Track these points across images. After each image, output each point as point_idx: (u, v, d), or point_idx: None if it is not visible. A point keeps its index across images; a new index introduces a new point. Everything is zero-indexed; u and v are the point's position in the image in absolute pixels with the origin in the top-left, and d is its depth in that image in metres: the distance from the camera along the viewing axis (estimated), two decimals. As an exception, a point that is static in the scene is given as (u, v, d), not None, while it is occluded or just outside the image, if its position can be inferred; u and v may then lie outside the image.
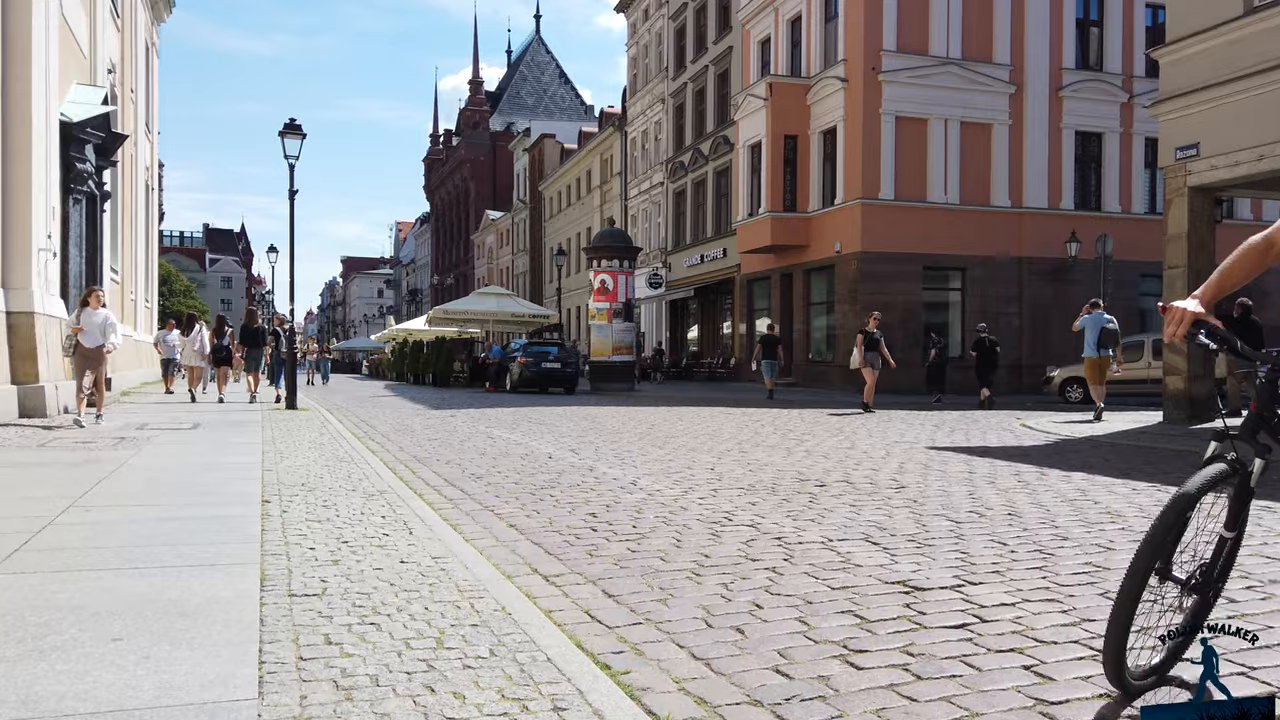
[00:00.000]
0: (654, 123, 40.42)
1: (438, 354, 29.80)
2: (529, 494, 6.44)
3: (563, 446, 9.57)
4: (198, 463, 7.58)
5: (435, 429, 11.87)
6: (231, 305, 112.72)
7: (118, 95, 21.75)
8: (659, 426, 12.13)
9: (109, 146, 15.68)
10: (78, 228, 14.04)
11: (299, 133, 14.80)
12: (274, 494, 6.05)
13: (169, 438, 9.55)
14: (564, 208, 54.68)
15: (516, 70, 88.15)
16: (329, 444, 9.34)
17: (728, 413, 15.25)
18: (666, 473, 7.49)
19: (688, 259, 36.03)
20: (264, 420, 12.41)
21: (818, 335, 27.81)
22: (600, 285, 26.05)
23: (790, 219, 27.11)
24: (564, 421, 13.07)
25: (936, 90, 25.22)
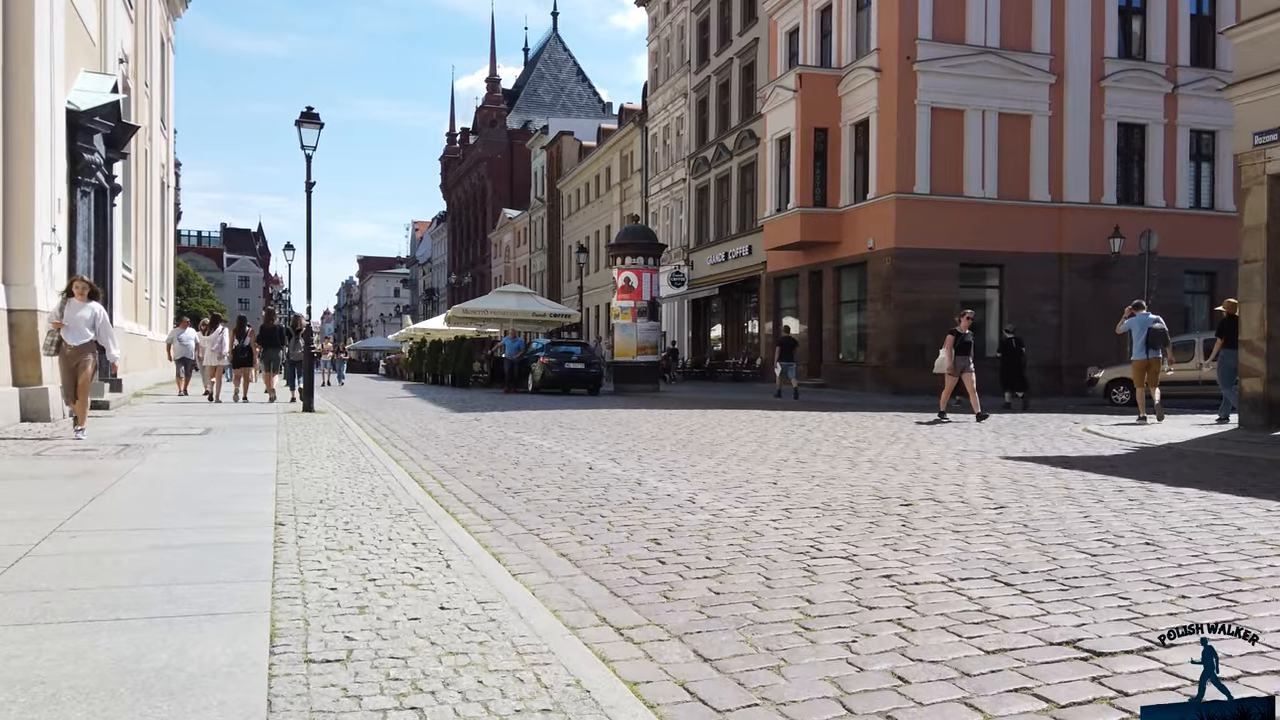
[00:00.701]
0: (676, 118, 39.62)
1: (457, 354, 29.12)
2: (576, 513, 5.68)
3: (601, 455, 8.81)
4: (205, 474, 6.87)
5: (461, 434, 11.14)
6: (249, 305, 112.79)
7: (130, 87, 21.17)
8: (699, 432, 11.35)
9: (119, 138, 15.05)
10: (86, 221, 13.40)
11: (316, 122, 14.12)
12: (289, 513, 5.32)
13: (177, 445, 8.86)
14: (582, 205, 53.98)
15: (534, 68, 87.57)
16: (348, 452, 8.62)
17: (765, 416, 14.45)
18: (724, 487, 6.72)
19: (711, 257, 35.22)
20: (279, 424, 11.72)
21: (848, 335, 26.94)
22: (624, 283, 25.30)
23: (820, 214, 26.25)
24: (596, 426, 12.31)
25: (974, 80, 24.31)
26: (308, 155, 14.13)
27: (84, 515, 5.02)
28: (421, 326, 44.46)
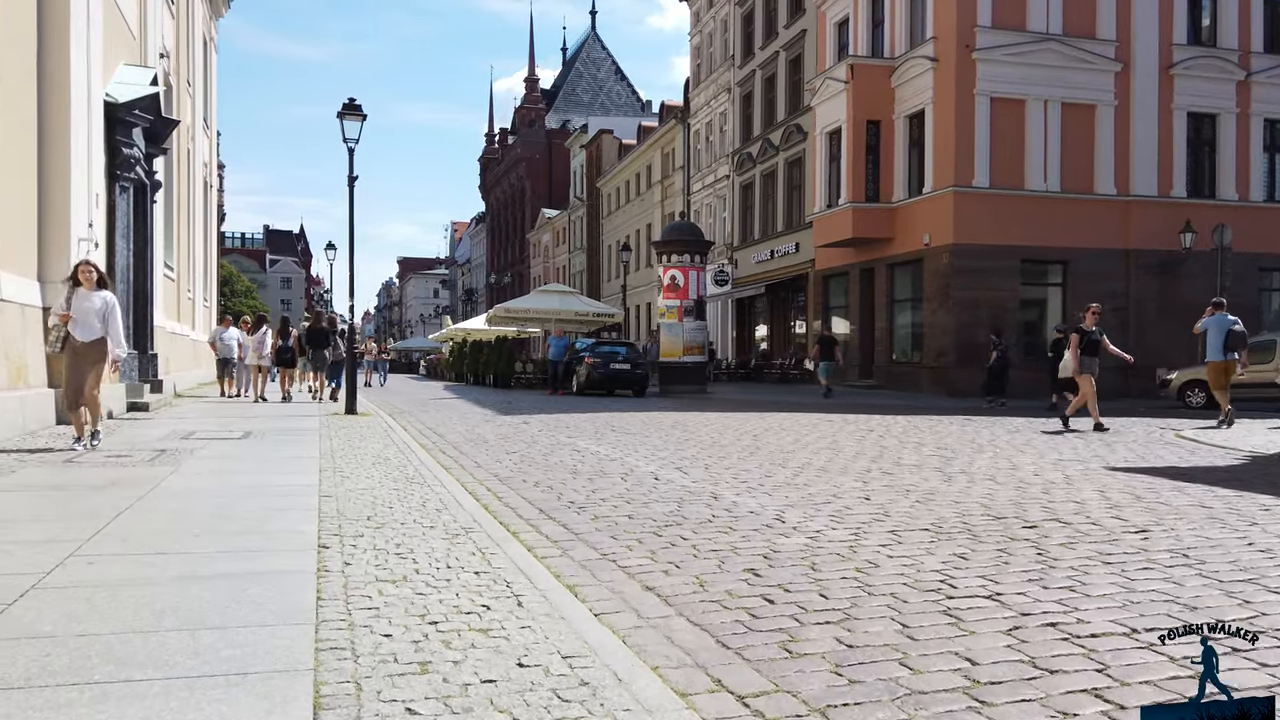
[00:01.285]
0: (719, 114, 38.87)
1: (499, 354, 28.64)
2: (652, 534, 5.03)
3: (665, 463, 8.15)
4: (242, 485, 6.32)
5: (510, 439, 10.55)
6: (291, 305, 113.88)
7: (172, 84, 20.95)
8: (763, 438, 10.64)
9: (160, 132, 14.71)
10: (125, 217, 13.03)
11: (358, 114, 13.63)
12: (333, 532, 4.73)
13: (214, 450, 8.36)
14: (622, 204, 53.42)
15: (572, 67, 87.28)
16: (395, 458, 8.05)
17: (826, 420, 13.70)
18: (811, 503, 6.02)
19: (756, 255, 34.42)
20: (321, 428, 11.22)
21: (902, 334, 26.01)
22: (670, 282, 24.62)
23: (873, 210, 25.36)
24: (651, 430, 11.66)
25: (1035, 69, 23.29)
26: (350, 148, 13.65)
27: (105, 536, 4.47)
28: (462, 327, 44.17)
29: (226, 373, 17.86)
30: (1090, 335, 12.68)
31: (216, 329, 18.96)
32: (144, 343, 14.60)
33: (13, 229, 9.49)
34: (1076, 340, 12.70)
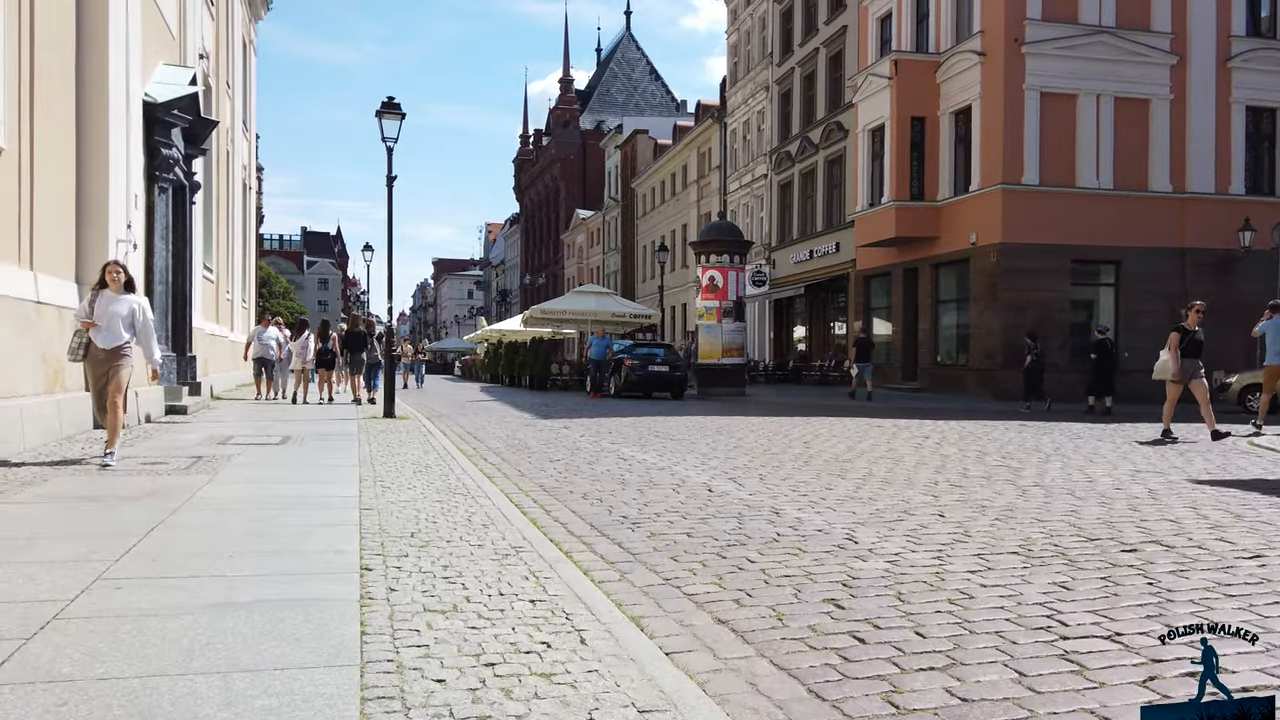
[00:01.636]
0: (756, 112, 38.38)
1: (535, 355, 28.42)
2: (715, 555, 4.66)
3: (716, 473, 7.78)
4: (282, 495, 6.04)
5: (552, 445, 10.23)
6: (328, 306, 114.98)
7: (212, 85, 20.95)
8: (815, 445, 10.22)
9: (198, 133, 14.61)
10: (164, 218, 12.92)
11: (397, 113, 13.41)
12: (376, 551, 4.43)
13: (252, 457, 8.12)
14: (657, 205, 53.07)
15: (606, 67, 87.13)
16: (436, 466, 7.76)
17: (876, 425, 13.23)
18: (881, 520, 5.62)
19: (794, 255, 33.90)
20: (360, 432, 10.99)
21: (947, 336, 25.39)
22: (709, 282, 24.22)
23: (917, 208, 24.77)
24: (697, 436, 11.28)
25: (1087, 62, 22.58)
26: (389, 147, 13.43)
27: (135, 556, 4.19)
28: (497, 328, 44.06)
29: (264, 374, 17.56)
30: (1193, 335, 11.71)
31: (256, 329, 18.64)
32: (182, 344, 14.51)
33: (50, 231, 9.34)
34: (1176, 340, 11.71)
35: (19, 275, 8.48)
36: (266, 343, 17.37)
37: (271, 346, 17.37)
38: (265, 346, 17.34)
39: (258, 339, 17.66)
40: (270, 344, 17.37)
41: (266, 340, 17.41)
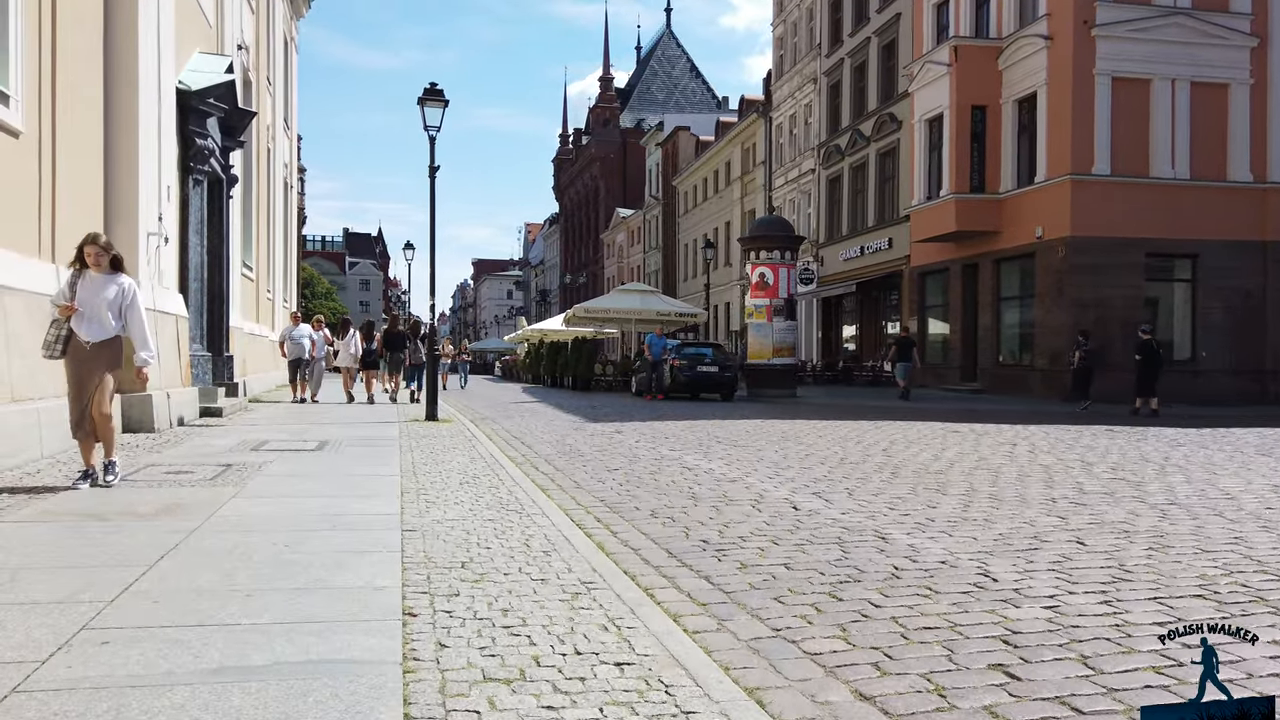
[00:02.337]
0: (804, 105, 37.35)
1: (579, 355, 27.70)
2: (828, 597, 3.85)
3: (797, 487, 6.95)
4: (314, 512, 5.33)
5: (607, 451, 9.46)
6: (369, 307, 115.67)
7: (252, 80, 20.54)
8: (896, 453, 9.34)
9: (236, 124, 14.09)
10: (198, 212, 12.39)
11: (440, 100, 12.75)
12: (421, 589, 3.69)
13: (285, 465, 7.46)
14: (699, 202, 52.20)
15: (647, 65, 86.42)
16: (485, 477, 7.03)
17: (953, 430, 12.27)
18: (1011, 548, 4.77)
19: (844, 251, 32.84)
20: (401, 436, 10.32)
21: (1009, 335, 24.22)
22: (759, 279, 23.32)
23: (978, 201, 23.64)
24: (762, 442, 10.44)
25: (1161, 45, 21.32)
26: (431, 136, 12.78)
27: (134, 595, 3.48)
28: (538, 327, 43.48)
29: (299, 374, 16.53)
30: None
31: (286, 327, 17.44)
32: (219, 344, 14.00)
33: (75, 222, 8.78)
34: None
35: (39, 268, 7.91)
36: (299, 341, 16.43)
37: (304, 345, 16.42)
38: (299, 345, 16.41)
39: (290, 338, 16.65)
40: (303, 342, 16.42)
41: (299, 339, 16.46)
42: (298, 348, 16.41)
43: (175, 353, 11.05)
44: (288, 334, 16.80)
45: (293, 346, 16.46)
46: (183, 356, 11.34)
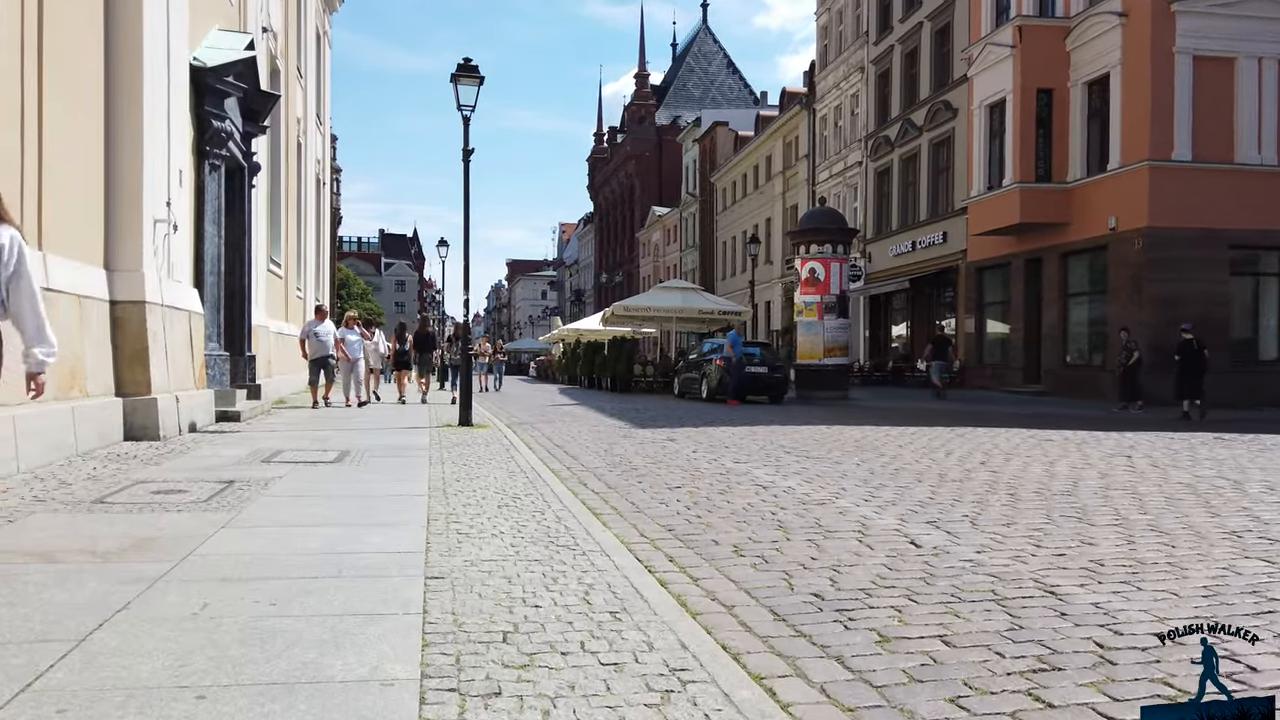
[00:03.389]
0: (849, 96, 35.96)
1: (618, 356, 26.59)
2: (1028, 698, 2.69)
3: (903, 512, 5.77)
4: (314, 551, 4.26)
5: (663, 464, 8.33)
6: (404, 308, 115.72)
7: (280, 67, 19.72)
8: (996, 466, 8.10)
9: (258, 108, 13.16)
10: (215, 200, 11.45)
11: (474, 76, 11.69)
12: (447, 681, 2.60)
13: (296, 482, 6.42)
14: (738, 199, 50.92)
15: (683, 62, 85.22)
16: (526, 497, 5.94)
17: (1044, 439, 10.97)
18: (1231, 608, 3.57)
19: (893, 246, 31.44)
20: (432, 444, 9.28)
21: (1077, 333, 22.73)
22: (809, 275, 22.07)
23: (1044, 191, 22.19)
24: (835, 453, 9.25)
25: (1247, 21, 19.78)
26: (465, 116, 11.73)
27: (34, 699, 2.41)
28: (574, 327, 42.48)
29: (325, 376, 14.79)
30: None
31: (309, 323, 15.31)
32: (240, 343, 13.08)
33: (67, 205, 7.84)
34: None
35: (22, 256, 6.94)
36: (323, 339, 14.70)
37: (329, 344, 14.77)
38: (322, 344, 14.66)
39: (313, 334, 14.72)
40: (328, 340, 14.74)
41: (323, 336, 14.72)
42: (322, 346, 14.71)
43: (188, 352, 10.11)
44: (309, 331, 14.92)
45: (315, 344, 14.68)
46: (196, 356, 10.41)
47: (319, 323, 15.05)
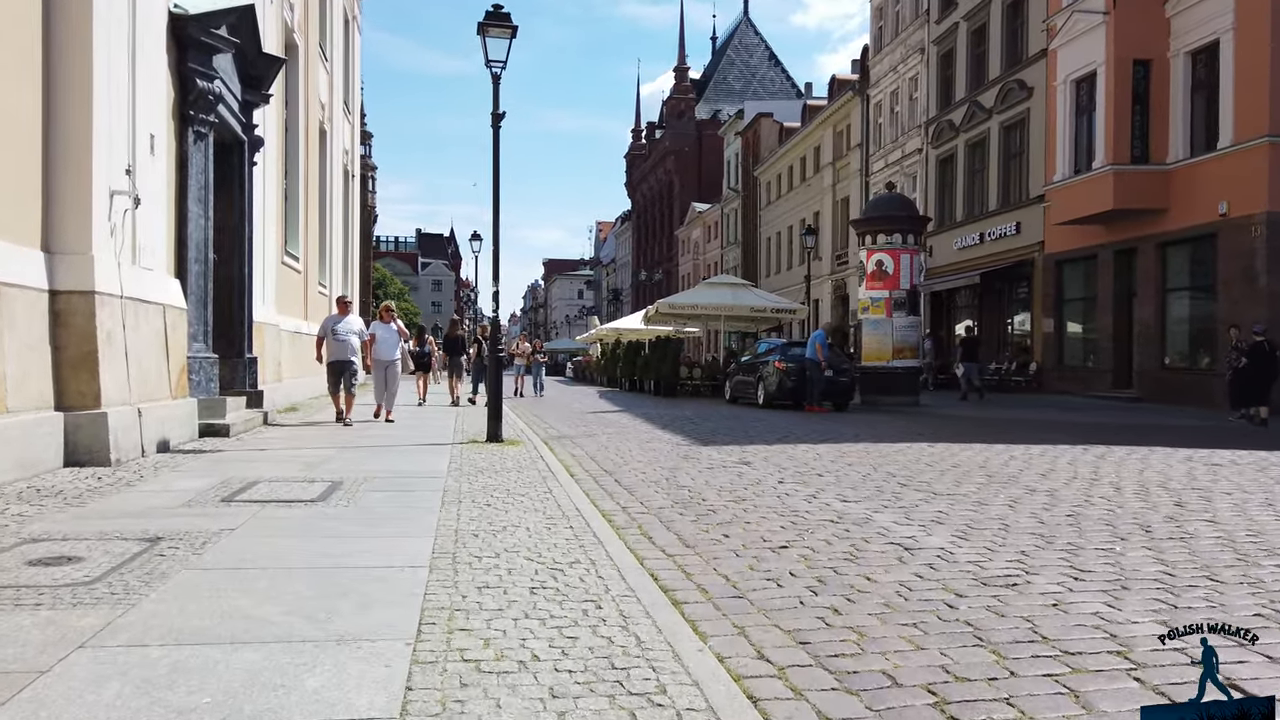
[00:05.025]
0: (908, 79, 33.69)
1: (663, 357, 24.61)
2: None
3: (1161, 608, 3.78)
4: (233, 692, 2.39)
5: (749, 503, 6.39)
6: (441, 308, 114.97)
7: (300, 45, 18.11)
8: (1194, 505, 6.04)
9: (260, 73, 11.42)
10: (200, 175, 9.69)
11: (505, 26, 9.83)
12: None
13: (244, 542, 4.56)
14: (784, 192, 48.74)
15: (723, 55, 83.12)
16: (571, 569, 4.04)
17: (1210, 461, 8.86)
18: None
19: (958, 239, 29.16)
20: (452, 469, 7.44)
21: (1178, 333, 20.37)
22: (876, 267, 19.95)
23: (1141, 173, 19.86)
24: (969, 486, 7.23)
25: (1384, -24, 17.33)
26: (495, 74, 9.88)
27: None
28: (614, 326, 40.63)
29: (344, 384, 11.70)
30: None
31: (329, 318, 12.23)
32: (238, 343, 11.37)
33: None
34: None
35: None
36: (344, 339, 11.74)
37: (354, 344, 11.86)
38: (342, 344, 11.72)
39: (332, 334, 11.78)
40: (348, 339, 11.78)
41: (343, 335, 11.74)
42: (341, 347, 11.73)
43: (161, 354, 8.38)
44: (329, 328, 11.88)
45: (335, 345, 11.74)
46: (174, 359, 8.67)
47: (341, 318, 12.00)
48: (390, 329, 13.04)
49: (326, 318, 12.53)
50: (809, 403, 17.65)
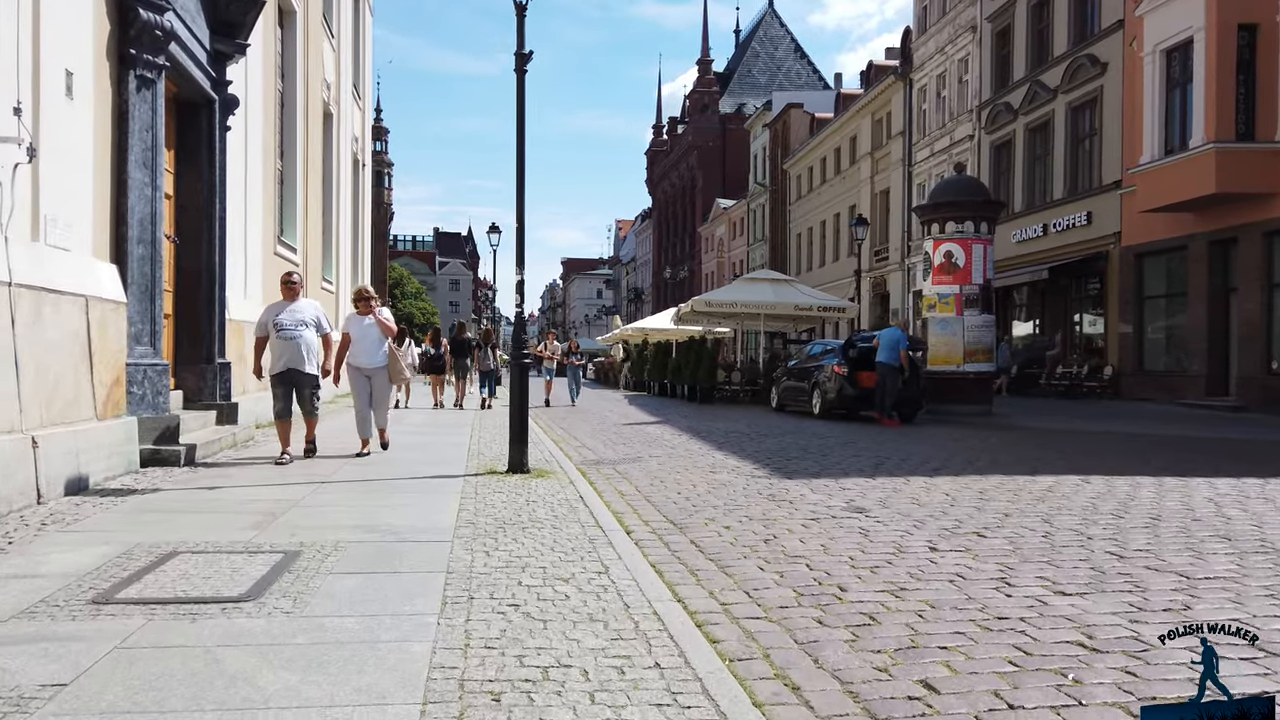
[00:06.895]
0: (957, 61, 31.38)
1: (698, 359, 22.42)
2: None
3: None
4: None
5: (904, 590, 4.27)
6: (459, 307, 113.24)
7: (296, 8, 16.12)
8: None
9: (233, 18, 9.36)
10: (146, 133, 7.62)
11: (532, -58, 7.75)
12: None
13: (100, 699, 2.47)
14: (815, 186, 46.49)
15: (748, 47, 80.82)
16: None
17: None
18: None
19: (1018, 231, 26.83)
20: (460, 526, 5.35)
21: (1285, 333, 18.04)
22: (943, 259, 17.75)
23: (1248, 152, 17.54)
24: (1168, 552, 5.04)
25: None
26: (519, 4, 7.80)
27: None
28: (639, 325, 38.52)
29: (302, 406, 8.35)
30: None
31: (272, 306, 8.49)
32: (206, 346, 9.32)
33: None
34: None
35: None
36: (292, 336, 8.10)
37: (304, 342, 8.16)
38: (290, 344, 8.09)
39: (273, 328, 8.12)
40: (299, 338, 8.13)
41: (291, 331, 8.11)
42: (290, 348, 8.10)
43: (82, 361, 6.33)
44: (270, 320, 8.21)
45: (280, 346, 8.12)
46: (100, 368, 6.62)
47: (285, 305, 8.32)
48: (367, 324, 8.99)
49: (266, 307, 8.59)
50: (882, 414, 15.37)
